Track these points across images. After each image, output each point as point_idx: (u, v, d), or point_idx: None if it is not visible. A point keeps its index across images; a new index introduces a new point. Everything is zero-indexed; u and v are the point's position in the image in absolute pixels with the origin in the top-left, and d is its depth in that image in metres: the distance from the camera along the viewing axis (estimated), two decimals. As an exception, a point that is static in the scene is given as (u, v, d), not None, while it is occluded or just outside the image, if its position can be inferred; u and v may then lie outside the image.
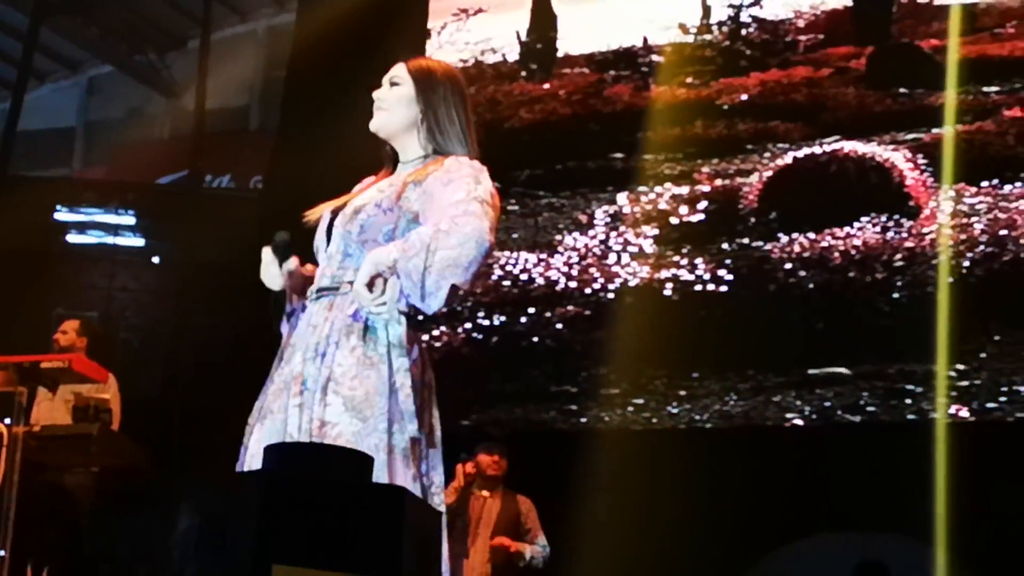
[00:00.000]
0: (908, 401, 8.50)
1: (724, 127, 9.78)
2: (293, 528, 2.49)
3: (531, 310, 9.69)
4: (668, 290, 9.35)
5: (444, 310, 3.41)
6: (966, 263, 8.63)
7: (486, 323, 9.78)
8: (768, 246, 9.22)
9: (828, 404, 8.70)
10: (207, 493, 2.67)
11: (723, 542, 8.20)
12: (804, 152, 9.46)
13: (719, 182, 9.59)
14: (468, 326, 9.80)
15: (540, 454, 8.45)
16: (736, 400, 8.97)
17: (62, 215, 12.43)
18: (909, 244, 8.84)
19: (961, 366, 8.41)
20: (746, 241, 9.33)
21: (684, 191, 9.65)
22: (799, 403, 8.78)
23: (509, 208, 10.01)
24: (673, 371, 9.15)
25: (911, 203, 8.98)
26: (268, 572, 2.42)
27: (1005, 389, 8.31)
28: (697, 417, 9.03)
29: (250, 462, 3.39)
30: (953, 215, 8.81)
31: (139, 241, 12.51)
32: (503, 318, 9.76)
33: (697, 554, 8.07)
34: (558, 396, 9.45)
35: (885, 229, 8.94)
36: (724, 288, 9.23)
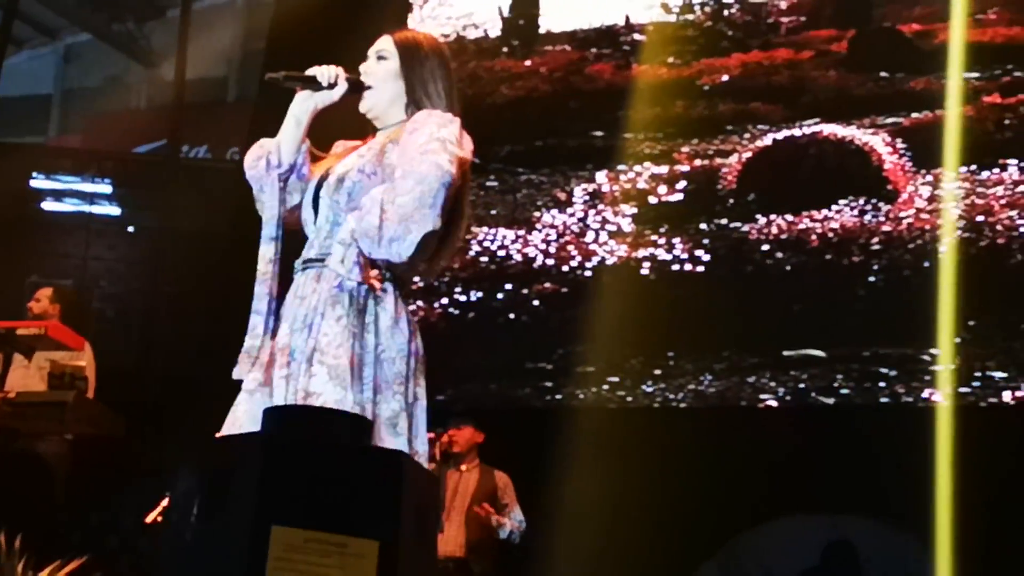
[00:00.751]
0: (882, 384, 8.53)
1: (705, 107, 9.78)
2: (292, 490, 2.50)
3: (508, 286, 9.70)
4: (645, 269, 9.36)
5: (420, 284, 3.40)
6: (943, 248, 8.65)
7: (463, 298, 9.78)
8: (746, 227, 9.23)
9: (803, 386, 8.72)
10: (207, 456, 2.68)
11: (696, 521, 8.21)
12: (784, 134, 9.47)
13: (698, 162, 9.60)
14: (444, 301, 9.79)
15: (515, 431, 8.45)
16: (711, 380, 8.99)
17: (38, 182, 12.37)
18: (886, 228, 8.86)
19: (935, 350, 8.43)
20: (724, 222, 9.34)
21: (663, 171, 9.65)
22: (773, 384, 8.80)
23: (488, 184, 10.01)
24: (649, 350, 9.16)
25: (889, 187, 8.99)
26: (267, 534, 2.43)
27: (979, 374, 8.34)
28: (672, 396, 9.04)
29: (236, 430, 3.39)
30: (930, 200, 8.83)
31: (115, 210, 12.46)
32: (480, 294, 9.76)
33: (670, 532, 8.08)
34: (534, 373, 9.46)
35: (863, 212, 8.96)
36: (701, 268, 9.25)
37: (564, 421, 8.86)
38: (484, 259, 9.85)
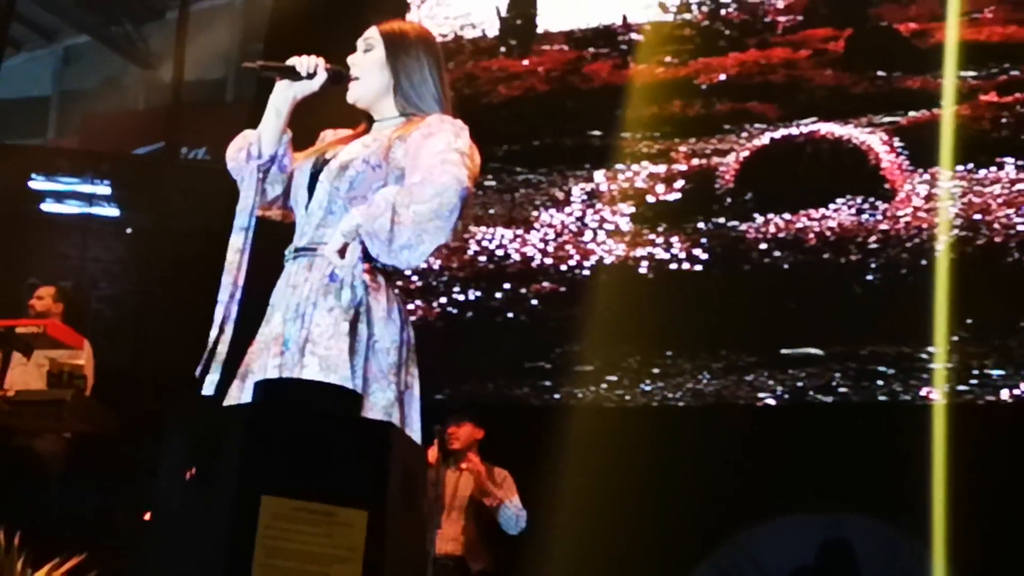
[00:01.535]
0: (880, 383, 8.54)
1: (702, 106, 9.79)
2: (281, 460, 2.51)
3: (506, 286, 9.70)
4: (643, 268, 9.37)
5: (419, 284, 3.41)
6: (939, 247, 8.66)
7: (461, 298, 9.79)
8: (743, 226, 9.24)
9: (800, 384, 8.73)
10: (194, 425, 2.69)
11: (694, 520, 8.22)
12: (781, 133, 9.47)
13: (696, 161, 9.60)
14: (443, 300, 9.80)
15: (513, 430, 8.46)
16: (709, 379, 9.00)
17: (37, 183, 12.37)
18: (884, 227, 8.87)
19: (933, 349, 8.44)
20: (722, 221, 9.35)
21: (661, 170, 9.65)
22: (771, 383, 8.81)
23: (486, 184, 10.02)
24: (647, 349, 9.17)
25: (886, 186, 9.00)
26: (256, 503, 2.44)
27: (976, 372, 8.35)
28: (670, 395, 9.05)
29: None
30: (928, 199, 8.84)
31: (114, 211, 12.46)
32: (478, 293, 9.77)
33: (668, 532, 8.09)
34: (532, 372, 9.47)
35: (860, 211, 8.97)
36: (699, 267, 9.26)
37: (562, 420, 8.88)
38: (482, 258, 9.86)
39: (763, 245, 9.11)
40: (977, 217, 8.67)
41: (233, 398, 3.44)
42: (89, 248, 12.42)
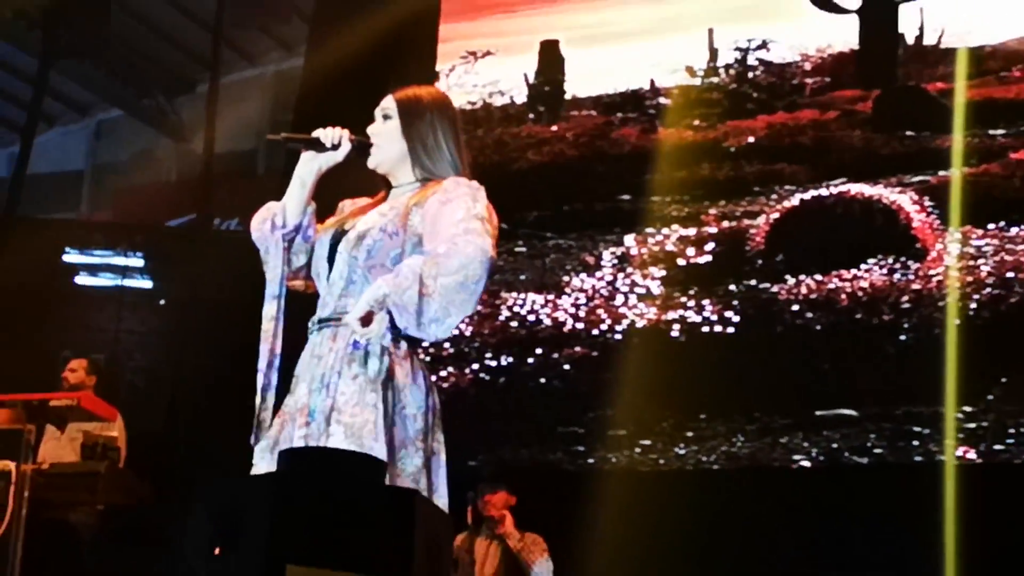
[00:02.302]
0: (915, 443, 8.49)
1: (731, 169, 9.80)
2: (306, 529, 2.50)
3: (538, 351, 9.69)
4: (675, 331, 9.35)
5: (451, 351, 3.42)
6: (973, 305, 8.63)
7: (493, 364, 9.78)
8: (775, 288, 9.23)
9: (835, 446, 8.68)
10: (221, 494, 2.68)
11: (731, 584, 8.19)
12: (811, 194, 9.48)
13: (726, 224, 9.60)
14: (475, 367, 9.79)
15: (547, 495, 8.44)
16: (743, 441, 8.96)
17: (71, 257, 12.44)
18: (916, 286, 8.84)
19: (968, 408, 8.39)
20: (753, 283, 9.33)
21: (691, 233, 9.66)
22: (806, 445, 8.76)
23: (516, 249, 10.04)
24: (680, 412, 9.14)
25: (918, 245, 8.99)
26: (282, 572, 2.43)
27: (1012, 431, 8.30)
28: (704, 459, 9.01)
29: None
30: (960, 257, 8.81)
31: (147, 283, 12.52)
32: (510, 359, 9.76)
33: (705, 595, 8.06)
34: (565, 437, 9.44)
35: (892, 271, 8.94)
36: (731, 329, 9.23)
37: (596, 485, 8.85)
38: (514, 324, 9.86)
39: (795, 306, 9.09)
40: (1010, 275, 8.63)
41: (261, 469, 3.44)
42: (123, 320, 12.47)
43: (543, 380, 9.62)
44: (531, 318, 9.83)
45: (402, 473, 3.29)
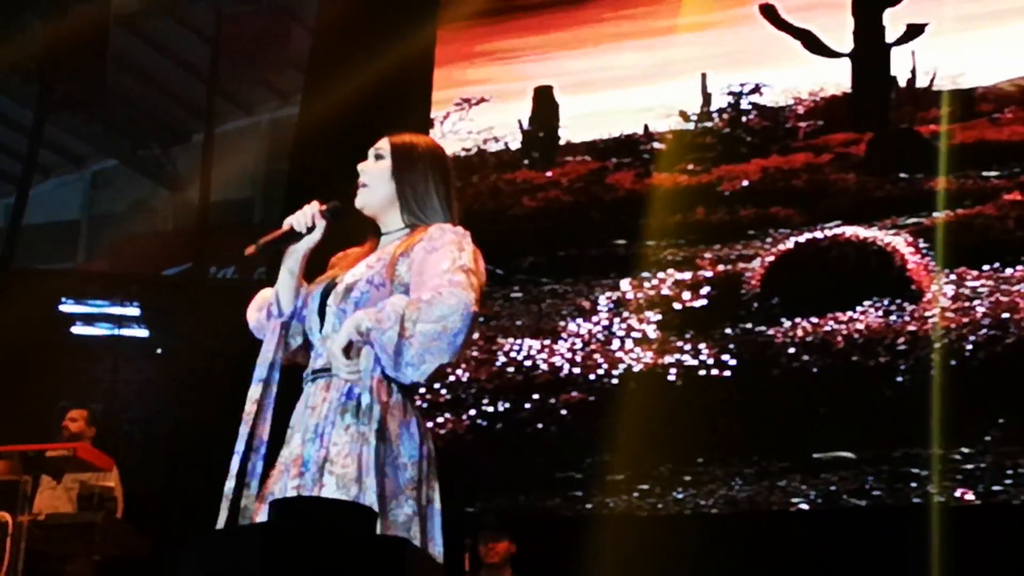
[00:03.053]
0: (913, 484, 8.48)
1: (725, 213, 9.82)
2: (296, 579, 2.50)
3: (535, 396, 9.69)
4: (672, 375, 9.35)
5: (448, 397, 3.41)
6: (969, 346, 8.64)
7: (490, 410, 9.77)
8: (771, 331, 9.23)
9: (833, 488, 8.67)
10: (209, 546, 2.68)
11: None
12: (805, 237, 9.49)
13: (721, 267, 9.62)
14: (472, 413, 9.78)
15: (545, 541, 8.43)
16: (742, 485, 8.94)
17: (67, 307, 12.43)
18: (912, 328, 8.85)
19: (966, 449, 8.39)
20: (749, 326, 9.34)
21: (687, 276, 9.67)
22: (804, 487, 8.75)
23: (512, 295, 10.05)
24: (678, 456, 9.13)
25: (913, 287, 9.00)
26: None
27: (1010, 472, 8.29)
28: (703, 503, 9.00)
29: None
30: (955, 298, 8.82)
31: (143, 332, 12.51)
32: (507, 405, 9.75)
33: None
34: (563, 482, 9.42)
35: (887, 313, 8.95)
36: (728, 373, 9.24)
37: (595, 530, 8.83)
38: (510, 370, 9.86)
39: (791, 349, 9.09)
40: (1005, 316, 8.65)
41: (256, 521, 3.43)
42: (119, 370, 12.45)
43: (540, 426, 9.62)
44: (528, 363, 9.83)
45: (394, 523, 3.28)
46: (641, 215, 10.00)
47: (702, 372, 9.29)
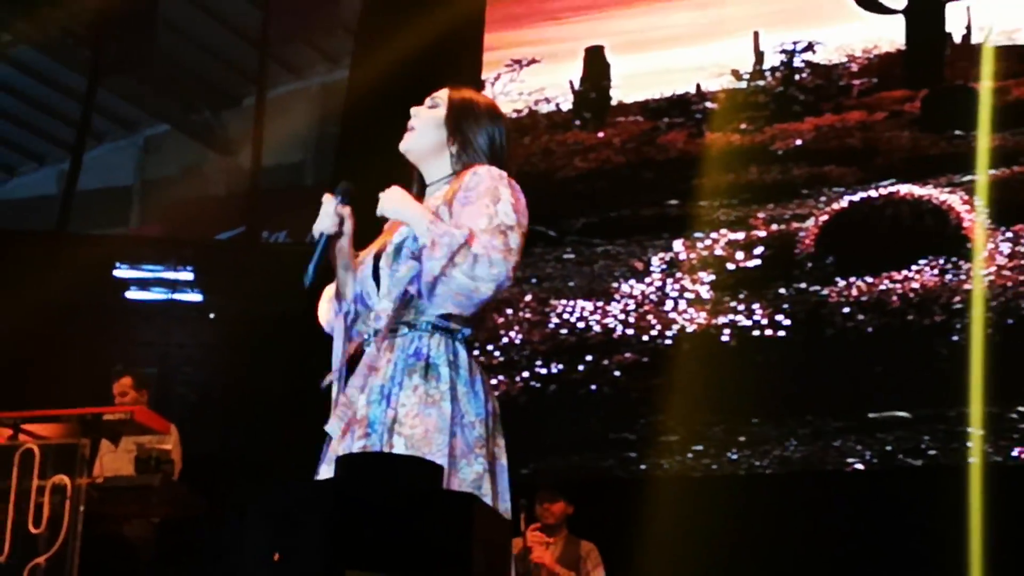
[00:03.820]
0: (969, 444, 8.43)
1: (779, 172, 9.77)
2: (364, 534, 2.49)
3: (588, 358, 9.68)
4: (726, 336, 9.32)
5: (501, 359, 3.41)
6: (1025, 304, 8.58)
7: (543, 371, 9.78)
8: (825, 290, 9.19)
9: (889, 448, 8.63)
10: (280, 500, 2.68)
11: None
12: (860, 196, 9.43)
13: (775, 227, 9.57)
14: (525, 375, 9.79)
15: (599, 502, 8.43)
16: (796, 445, 8.92)
17: (121, 272, 12.49)
18: (967, 286, 8.78)
19: (1022, 408, 8.33)
20: (803, 286, 9.29)
21: (740, 237, 9.63)
22: (859, 447, 8.72)
23: (565, 256, 10.04)
24: (732, 417, 9.11)
25: (968, 245, 8.92)
26: (340, 579, 2.43)
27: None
28: (757, 463, 8.98)
29: None
30: (1011, 256, 8.75)
31: (197, 297, 12.56)
32: (560, 366, 9.75)
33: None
34: (617, 443, 9.43)
35: (943, 272, 8.89)
36: (782, 333, 9.20)
37: (649, 491, 8.83)
38: (564, 331, 9.85)
39: (846, 309, 9.05)
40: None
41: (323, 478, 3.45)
42: (173, 334, 12.52)
43: (593, 387, 9.61)
44: (581, 325, 9.83)
45: (463, 481, 3.29)
46: (694, 175, 9.96)
47: (756, 332, 9.26)
